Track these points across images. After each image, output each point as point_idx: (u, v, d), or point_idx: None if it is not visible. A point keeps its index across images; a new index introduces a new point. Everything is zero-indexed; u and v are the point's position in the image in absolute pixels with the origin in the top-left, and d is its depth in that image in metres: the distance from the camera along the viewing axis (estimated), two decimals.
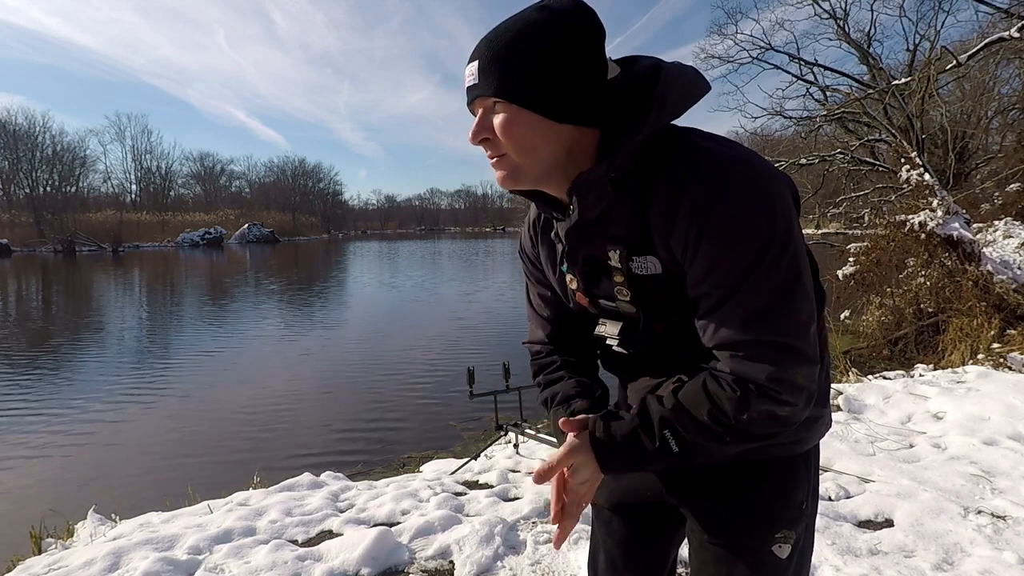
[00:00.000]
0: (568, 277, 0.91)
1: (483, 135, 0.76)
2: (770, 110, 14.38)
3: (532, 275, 1.04)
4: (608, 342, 0.91)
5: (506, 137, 0.74)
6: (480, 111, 0.76)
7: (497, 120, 0.74)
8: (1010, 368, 4.94)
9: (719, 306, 0.72)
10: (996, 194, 12.64)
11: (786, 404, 0.72)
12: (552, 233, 0.93)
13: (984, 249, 6.49)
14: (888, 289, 7.12)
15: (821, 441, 0.93)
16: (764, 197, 0.70)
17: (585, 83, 0.74)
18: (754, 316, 0.70)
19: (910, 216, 6.58)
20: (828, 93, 14.13)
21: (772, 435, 0.77)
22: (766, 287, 0.70)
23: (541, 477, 0.81)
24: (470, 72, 0.74)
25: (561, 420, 0.86)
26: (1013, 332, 5.61)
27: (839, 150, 12.61)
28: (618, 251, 0.81)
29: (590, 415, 0.85)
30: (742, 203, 0.69)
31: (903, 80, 11.11)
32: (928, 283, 6.69)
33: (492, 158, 0.79)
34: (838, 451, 3.14)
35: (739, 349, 0.72)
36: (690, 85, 0.76)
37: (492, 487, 3.20)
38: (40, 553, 2.66)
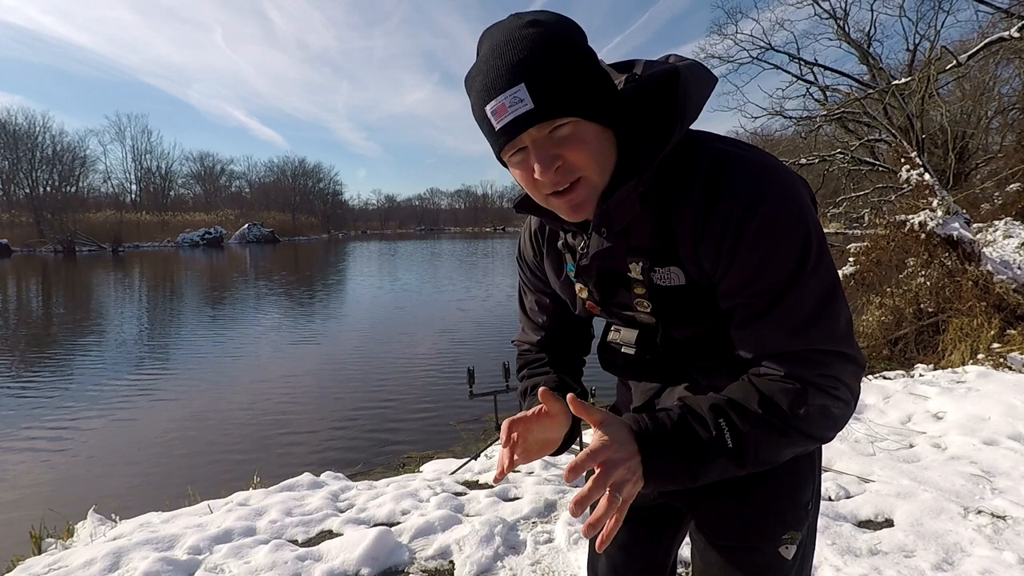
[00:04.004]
0: (578, 287, 0.89)
1: (557, 163, 0.68)
2: (770, 110, 14.40)
3: (531, 283, 1.03)
4: (624, 350, 0.90)
5: (585, 156, 0.68)
6: (534, 142, 0.68)
7: (568, 143, 0.68)
8: (1010, 368, 4.94)
9: (759, 317, 0.70)
10: (996, 194, 12.63)
11: (840, 400, 0.70)
12: (559, 243, 0.90)
13: (984, 249, 6.49)
14: (888, 289, 7.12)
15: None
16: (796, 206, 0.69)
17: (609, 86, 0.72)
18: (798, 327, 0.69)
19: (910, 216, 6.58)
20: (828, 93, 14.15)
21: (825, 437, 0.74)
22: (807, 296, 0.68)
23: (573, 472, 0.64)
24: (515, 99, 0.65)
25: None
26: (1013, 332, 5.60)
27: (839, 150, 12.62)
28: (640, 263, 0.78)
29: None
30: (776, 213, 0.67)
31: (903, 80, 11.11)
32: (928, 283, 6.68)
33: (561, 188, 0.70)
34: (838, 451, 3.14)
35: (785, 358, 0.70)
36: (703, 85, 0.74)
37: (492, 487, 3.20)
38: (40, 553, 2.66)
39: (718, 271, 0.72)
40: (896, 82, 11.04)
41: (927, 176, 6.87)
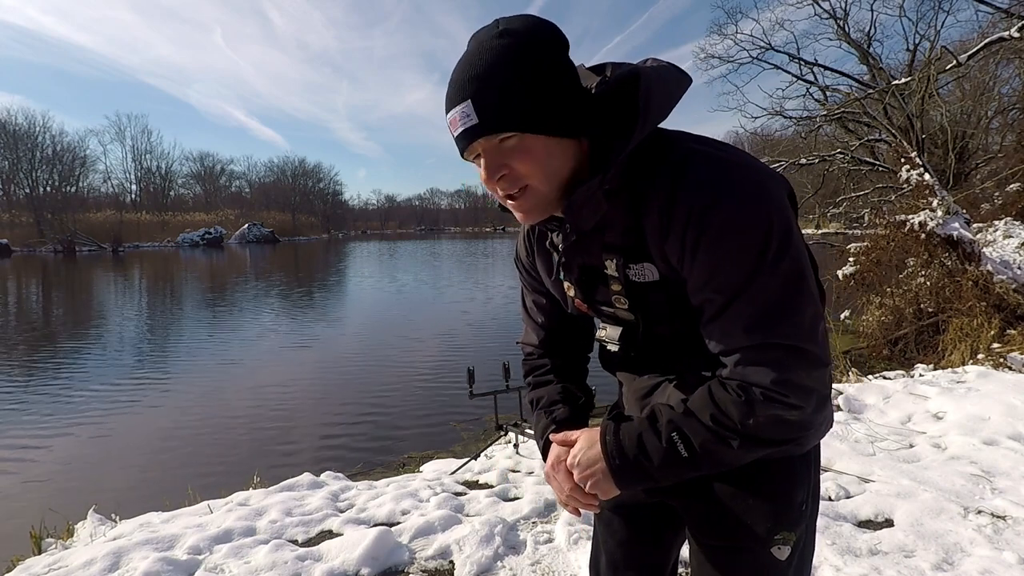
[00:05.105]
0: (566, 285, 0.92)
1: (501, 172, 0.73)
2: (770, 110, 14.42)
3: (528, 283, 1.06)
4: (609, 347, 0.91)
5: (529, 167, 0.72)
6: (484, 151, 0.73)
7: (514, 153, 0.72)
8: (1010, 368, 4.94)
9: (721, 313, 0.72)
10: (996, 194, 12.63)
11: (794, 408, 0.71)
12: (547, 242, 0.93)
13: (984, 249, 6.49)
14: (888, 289, 7.12)
15: (821, 441, 0.92)
16: (760, 200, 0.70)
17: (574, 94, 0.73)
18: (757, 321, 0.69)
19: (910, 216, 6.58)
20: (828, 93, 14.17)
21: (788, 440, 0.75)
22: (767, 291, 0.69)
23: (548, 476, 0.90)
24: (463, 114, 0.70)
25: (554, 436, 0.93)
26: (1013, 332, 5.60)
27: (839, 150, 12.63)
28: (614, 260, 0.81)
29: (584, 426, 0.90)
30: (738, 208, 0.69)
31: (903, 80, 11.12)
32: (928, 283, 6.69)
33: (511, 194, 0.76)
34: (838, 451, 3.14)
35: (744, 355, 0.71)
36: (672, 85, 0.76)
37: (492, 487, 3.20)
38: (40, 553, 2.66)
39: (683, 268, 0.74)
40: (896, 82, 11.05)
41: (927, 176, 6.87)
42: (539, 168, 0.73)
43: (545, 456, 0.96)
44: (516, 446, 3.97)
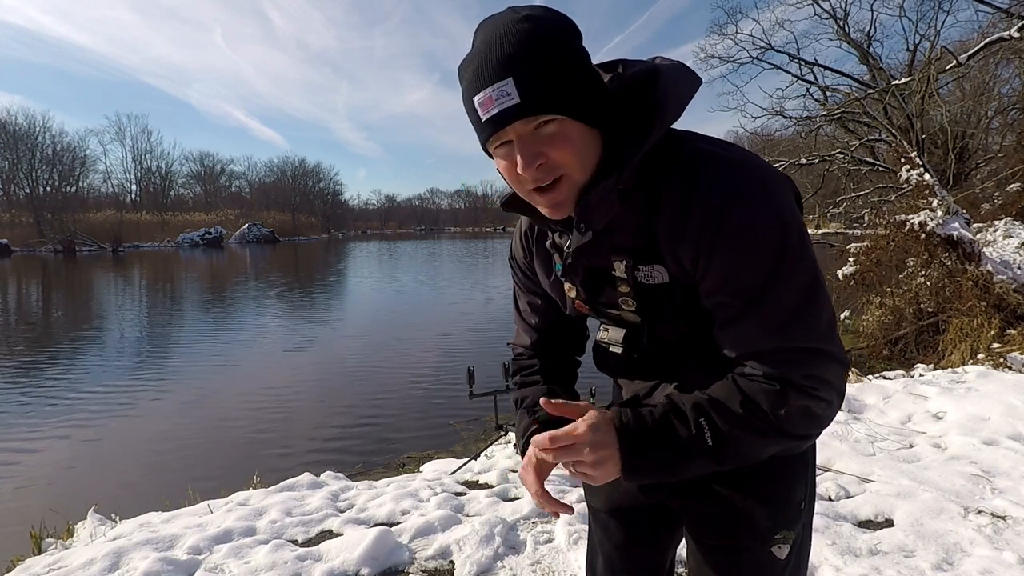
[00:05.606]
0: (566, 286, 0.90)
1: (539, 160, 0.68)
2: (770, 110, 14.43)
3: (523, 284, 1.04)
4: (611, 349, 0.90)
5: (567, 155, 0.69)
6: (519, 137, 0.69)
7: (553, 141, 0.68)
8: (1010, 368, 4.94)
9: (740, 317, 0.71)
10: (996, 194, 12.64)
11: (822, 400, 0.71)
12: (547, 243, 0.91)
13: (984, 249, 6.49)
14: (888, 289, 7.12)
15: (821, 441, 0.93)
16: (775, 203, 0.69)
17: (599, 85, 0.72)
18: (778, 325, 0.69)
19: (910, 216, 6.58)
20: (828, 93, 14.19)
21: (809, 435, 0.75)
22: (787, 295, 0.68)
23: (554, 441, 0.73)
24: (502, 93, 0.65)
25: (553, 402, 0.78)
26: (1013, 332, 5.60)
27: (839, 150, 12.65)
28: (624, 262, 0.79)
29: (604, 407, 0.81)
30: (754, 210, 0.68)
31: (903, 80, 11.13)
32: (928, 283, 6.69)
33: (543, 185, 0.71)
34: (838, 451, 3.14)
35: (767, 357, 0.71)
36: (684, 84, 0.75)
37: (492, 487, 3.20)
38: (40, 553, 2.66)
39: (698, 270, 0.73)
40: (896, 82, 11.05)
41: (927, 176, 6.87)
42: (576, 157, 0.69)
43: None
44: (516, 446, 3.97)
